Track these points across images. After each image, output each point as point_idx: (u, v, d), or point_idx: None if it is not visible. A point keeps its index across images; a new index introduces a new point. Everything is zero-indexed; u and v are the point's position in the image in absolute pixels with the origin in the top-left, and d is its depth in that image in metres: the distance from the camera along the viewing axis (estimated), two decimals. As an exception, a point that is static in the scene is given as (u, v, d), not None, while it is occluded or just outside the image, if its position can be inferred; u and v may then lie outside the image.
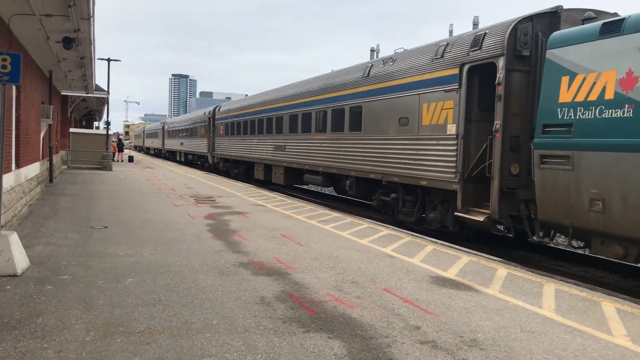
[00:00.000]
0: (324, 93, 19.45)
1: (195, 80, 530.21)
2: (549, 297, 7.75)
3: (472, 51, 11.99)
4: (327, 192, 29.53)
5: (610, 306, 7.42)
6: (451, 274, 8.97)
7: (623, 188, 8.46)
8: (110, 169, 33.72)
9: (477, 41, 11.90)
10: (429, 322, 6.39)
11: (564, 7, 11.10)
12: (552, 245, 12.57)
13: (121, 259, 9.10)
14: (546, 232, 10.99)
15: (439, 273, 8.97)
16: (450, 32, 16.64)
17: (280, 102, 24.09)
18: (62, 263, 8.63)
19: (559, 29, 10.90)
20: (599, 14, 10.82)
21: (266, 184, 28.34)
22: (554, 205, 9.79)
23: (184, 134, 48.48)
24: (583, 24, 10.32)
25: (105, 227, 12.20)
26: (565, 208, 9.56)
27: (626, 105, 8.42)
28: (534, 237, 11.21)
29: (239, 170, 31.94)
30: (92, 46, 16.34)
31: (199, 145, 42.06)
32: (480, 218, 11.53)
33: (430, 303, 7.20)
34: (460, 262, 9.93)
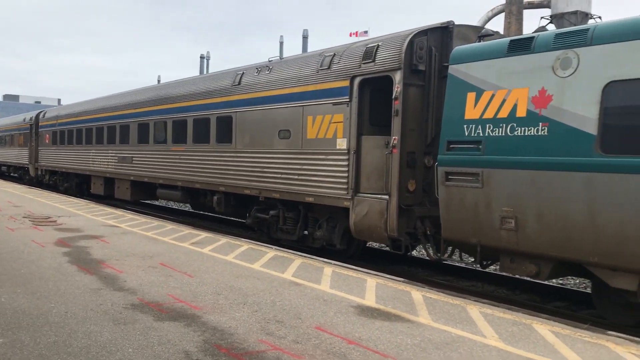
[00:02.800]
0: (183, 101, 17.89)
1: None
2: (482, 323, 7.41)
3: (364, 63, 11.52)
4: (175, 207, 27.63)
5: (544, 329, 7.26)
6: (370, 301, 8.32)
7: (538, 206, 8.45)
8: None
9: (369, 53, 11.46)
10: (395, 369, 5.63)
11: (455, 23, 11.12)
12: (449, 262, 12.64)
13: (-26, 309, 7.11)
14: (439, 249, 10.86)
15: (359, 301, 8.27)
16: (281, 43, 16.28)
17: (126, 109, 21.89)
18: None
19: (451, 44, 10.87)
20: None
21: (106, 199, 25.70)
22: (460, 224, 9.61)
23: (-4, 142, 42.79)
24: (480, 40, 10.35)
25: None
26: (473, 226, 9.40)
27: (540, 124, 8.43)
28: (431, 253, 11.04)
29: (70, 184, 28.68)
30: None
31: (16, 155, 37.30)
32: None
33: (377, 342, 6.44)
34: (368, 285, 9.34)
